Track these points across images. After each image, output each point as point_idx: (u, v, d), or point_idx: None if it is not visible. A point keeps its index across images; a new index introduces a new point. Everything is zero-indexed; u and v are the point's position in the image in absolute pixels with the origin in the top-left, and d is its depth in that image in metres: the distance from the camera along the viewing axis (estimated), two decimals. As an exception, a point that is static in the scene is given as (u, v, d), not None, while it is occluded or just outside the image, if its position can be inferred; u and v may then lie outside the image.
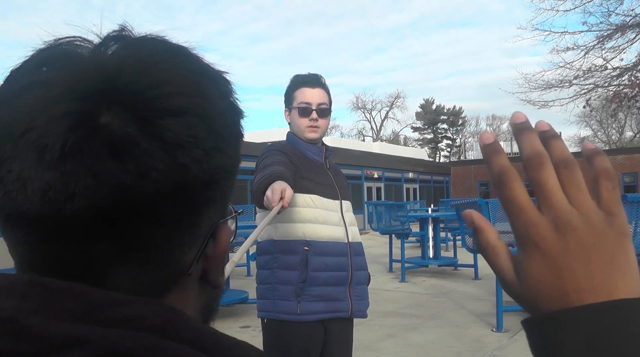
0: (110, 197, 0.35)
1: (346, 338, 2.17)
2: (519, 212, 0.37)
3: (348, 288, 2.09)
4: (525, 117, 0.40)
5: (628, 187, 24.51)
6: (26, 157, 0.34)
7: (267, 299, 2.03)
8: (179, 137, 0.36)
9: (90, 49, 0.39)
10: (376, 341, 4.68)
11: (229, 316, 5.64)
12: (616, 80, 16.38)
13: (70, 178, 0.34)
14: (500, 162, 0.38)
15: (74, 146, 0.34)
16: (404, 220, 8.55)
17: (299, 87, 2.13)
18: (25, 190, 0.35)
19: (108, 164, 0.34)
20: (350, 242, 2.12)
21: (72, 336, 0.32)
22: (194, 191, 0.38)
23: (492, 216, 5.48)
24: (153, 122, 0.36)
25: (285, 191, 1.58)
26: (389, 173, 25.17)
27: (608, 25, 15.64)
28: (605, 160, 0.38)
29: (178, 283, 0.41)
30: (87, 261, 0.37)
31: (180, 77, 0.38)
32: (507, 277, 0.39)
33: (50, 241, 0.36)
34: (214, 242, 0.44)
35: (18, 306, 0.34)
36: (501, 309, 4.89)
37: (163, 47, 0.40)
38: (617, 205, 0.37)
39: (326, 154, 2.21)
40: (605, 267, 0.35)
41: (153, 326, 0.34)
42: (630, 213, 4.34)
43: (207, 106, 0.39)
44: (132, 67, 0.37)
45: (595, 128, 48.00)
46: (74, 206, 0.34)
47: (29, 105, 0.35)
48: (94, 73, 0.36)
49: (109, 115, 0.35)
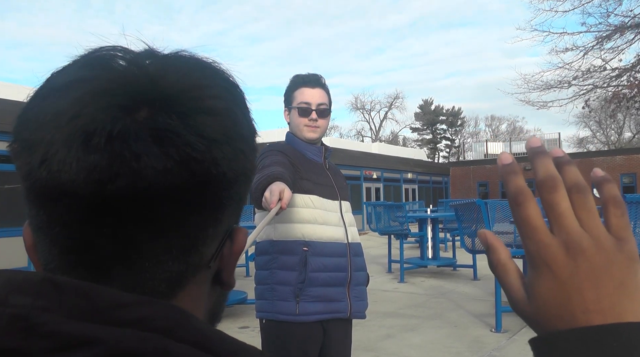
0: (151, 180, 0.37)
1: (345, 339, 2.16)
2: (532, 233, 0.38)
3: (347, 289, 2.08)
4: (541, 141, 0.41)
5: (627, 187, 24.54)
6: (73, 140, 0.36)
7: (266, 300, 2.03)
8: (215, 134, 0.40)
9: (130, 57, 0.41)
10: (375, 342, 4.68)
11: (227, 317, 5.63)
12: (615, 81, 16.39)
13: (116, 159, 0.36)
14: (517, 182, 0.39)
15: (121, 131, 0.36)
16: (402, 220, 8.56)
17: (299, 87, 2.13)
18: (70, 169, 0.36)
19: (152, 148, 0.37)
20: (350, 242, 2.12)
21: (84, 335, 0.33)
22: (221, 186, 0.41)
23: (491, 216, 5.48)
24: (192, 117, 0.39)
25: (284, 192, 1.58)
26: (388, 173, 25.18)
27: (607, 26, 15.67)
28: (614, 187, 0.39)
29: (196, 276, 0.43)
30: (117, 245, 0.38)
31: (216, 84, 0.42)
32: (517, 296, 0.40)
33: (87, 222, 0.37)
34: (231, 242, 0.46)
35: (31, 303, 0.34)
36: (500, 309, 4.89)
37: (197, 59, 0.44)
38: (626, 231, 0.38)
39: (325, 154, 2.20)
40: (615, 291, 0.36)
41: (162, 327, 0.35)
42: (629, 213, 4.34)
43: (238, 112, 0.43)
44: (173, 72, 0.41)
45: (594, 129, 48.11)
46: (115, 186, 0.36)
47: (76, 96, 0.37)
48: (137, 74, 0.39)
49: (152, 110, 0.38)
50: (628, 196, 4.34)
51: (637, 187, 24.47)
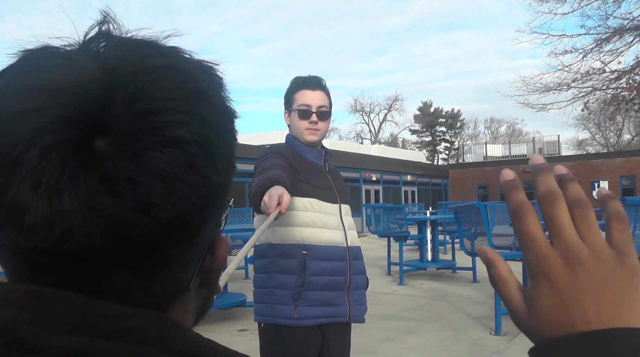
0: (109, 233, 0.34)
1: (344, 343, 2.15)
2: (532, 244, 0.38)
3: (346, 293, 2.07)
4: (544, 159, 0.42)
5: (626, 190, 24.55)
6: (20, 189, 0.33)
7: (264, 303, 2.01)
8: (177, 169, 0.35)
9: (75, 57, 0.37)
10: (374, 345, 4.67)
11: (226, 319, 5.62)
12: (614, 83, 16.42)
13: (67, 214, 0.33)
14: (518, 197, 0.39)
15: (70, 181, 0.33)
16: (402, 223, 8.55)
17: (299, 89, 2.12)
18: (21, 223, 0.34)
19: (105, 200, 0.33)
20: (349, 246, 2.10)
21: (71, 349, 0.32)
22: (191, 217, 0.38)
23: (490, 219, 5.47)
24: (150, 156, 0.35)
25: (283, 196, 1.56)
26: (387, 176, 25.18)
27: (606, 28, 15.70)
28: (617, 204, 0.39)
29: (178, 298, 0.41)
30: (83, 290, 0.36)
31: (176, 101, 0.37)
32: (517, 309, 0.40)
33: (46, 272, 0.35)
34: (212, 254, 0.44)
35: (16, 316, 0.33)
36: (500, 312, 4.88)
37: (153, 59, 0.38)
38: (628, 245, 0.38)
39: (325, 157, 2.19)
40: (615, 304, 0.36)
41: (153, 339, 0.34)
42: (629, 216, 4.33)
43: (204, 131, 0.38)
44: (124, 90, 0.35)
45: (594, 131, 48.14)
46: (71, 242, 0.34)
47: (18, 135, 0.33)
48: (84, 98, 0.35)
49: (103, 144, 0.34)
50: (628, 198, 4.33)
51: (636, 189, 24.48)
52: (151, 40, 0.40)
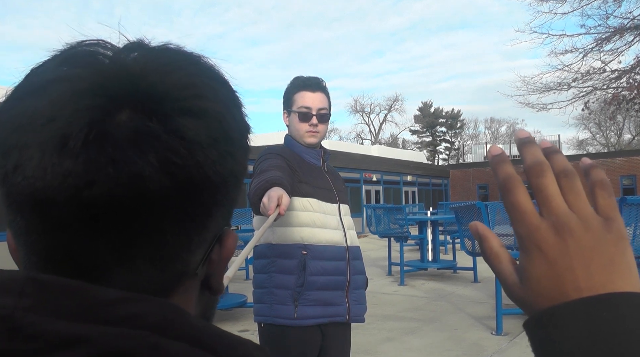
0: (128, 186, 0.35)
1: (344, 343, 2.15)
2: (521, 216, 0.39)
3: (346, 293, 2.07)
4: (529, 133, 0.43)
5: (627, 189, 24.54)
6: (48, 145, 0.35)
7: (264, 304, 2.01)
8: (198, 136, 0.38)
9: (113, 52, 0.40)
10: (375, 345, 4.67)
11: (227, 320, 5.62)
12: (614, 83, 16.39)
13: (91, 165, 0.35)
14: (506, 170, 0.40)
15: (97, 135, 0.35)
16: (402, 223, 8.55)
17: (300, 90, 2.11)
18: (45, 176, 0.35)
19: (129, 153, 0.35)
20: (349, 246, 2.10)
21: (71, 335, 0.32)
22: (205, 191, 0.39)
23: (491, 219, 5.47)
24: (174, 120, 0.37)
25: (282, 197, 1.56)
26: (388, 176, 25.18)
27: (606, 28, 15.67)
28: (600, 172, 0.40)
29: (182, 284, 0.42)
30: (94, 254, 0.37)
31: (202, 83, 0.40)
32: (510, 281, 0.40)
33: (63, 229, 0.36)
34: (220, 246, 0.45)
35: (15, 303, 0.33)
36: (501, 312, 4.88)
37: (184, 55, 0.42)
38: (614, 211, 0.39)
39: (324, 157, 2.19)
40: (605, 269, 0.37)
41: (154, 324, 0.34)
42: (629, 215, 4.33)
43: (225, 112, 0.41)
44: (156, 70, 0.39)
45: (594, 131, 48.13)
46: (91, 193, 0.35)
47: (54, 97, 0.36)
48: (119, 73, 0.38)
49: (132, 112, 0.36)
50: (629, 198, 4.32)
51: (637, 189, 24.47)
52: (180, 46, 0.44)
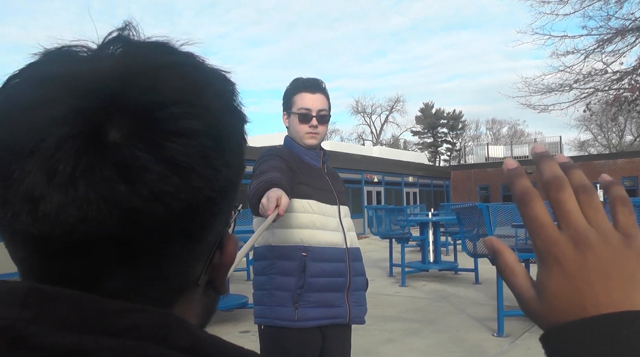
0: (122, 221, 0.34)
1: (344, 344, 2.15)
2: (540, 229, 0.38)
3: (346, 294, 2.07)
4: (545, 148, 0.42)
5: (629, 191, 24.50)
6: (36, 178, 0.34)
7: (264, 305, 2.01)
8: (191, 160, 0.36)
9: (92, 56, 0.38)
10: (376, 346, 4.66)
11: (228, 321, 5.62)
12: (616, 84, 16.36)
13: (82, 202, 0.34)
14: (523, 183, 0.40)
15: (85, 170, 0.34)
16: (404, 224, 8.54)
17: (299, 91, 2.11)
18: (36, 212, 0.34)
19: (120, 188, 0.34)
20: (349, 247, 2.10)
21: (71, 347, 0.32)
22: (203, 209, 0.38)
23: (492, 220, 5.46)
24: (164, 145, 0.35)
25: (281, 198, 1.55)
26: (389, 177, 25.16)
27: (608, 29, 15.65)
28: (621, 189, 0.40)
29: (184, 293, 0.42)
30: (94, 279, 0.36)
31: (188, 95, 0.38)
32: (526, 295, 0.40)
33: (57, 258, 0.36)
34: (221, 251, 0.44)
35: (17, 314, 0.33)
36: (502, 313, 4.87)
37: (168, 57, 0.40)
38: (634, 228, 0.38)
39: (324, 158, 2.19)
40: (625, 285, 0.36)
41: (155, 335, 0.34)
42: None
43: (216, 124, 0.39)
44: (138, 83, 0.36)
45: (596, 132, 48.07)
46: (85, 229, 0.34)
47: (34, 125, 0.34)
48: (98, 89, 0.36)
49: (117, 135, 0.34)
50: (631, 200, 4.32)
51: (638, 190, 24.44)
52: (166, 42, 0.41)
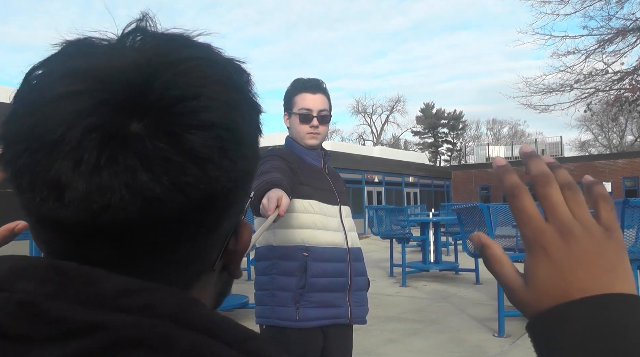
0: (143, 208, 0.36)
1: (345, 344, 2.15)
2: (528, 220, 0.41)
3: (347, 294, 2.07)
4: (533, 148, 0.45)
5: (629, 191, 24.48)
6: (62, 166, 0.35)
7: (266, 305, 2.01)
8: (209, 151, 0.38)
9: (113, 48, 0.40)
10: (377, 346, 4.66)
11: (228, 321, 5.61)
12: (617, 84, 16.33)
13: (106, 190, 0.35)
14: (512, 178, 0.43)
15: (109, 159, 0.35)
16: (404, 224, 8.54)
17: (300, 92, 2.11)
18: (62, 197, 0.36)
19: (142, 177, 0.36)
20: (350, 247, 2.10)
21: (90, 322, 0.33)
22: (219, 199, 0.40)
23: (493, 220, 5.46)
24: (184, 137, 0.37)
25: (282, 199, 1.55)
26: (390, 177, 25.16)
27: (609, 29, 15.62)
28: (602, 187, 0.43)
29: (201, 277, 0.43)
30: (114, 262, 0.38)
31: (208, 89, 0.39)
32: (513, 284, 0.42)
33: (81, 242, 0.37)
34: (236, 238, 0.46)
35: (37, 289, 0.34)
36: (503, 313, 4.87)
37: (187, 50, 0.41)
38: (614, 223, 0.42)
39: (325, 159, 2.19)
40: (606, 273, 0.39)
41: (168, 314, 0.35)
42: (632, 218, 4.32)
43: (234, 117, 0.40)
44: (160, 77, 0.38)
45: (596, 132, 48.05)
46: (108, 216, 0.36)
47: (61, 116, 0.36)
48: (122, 83, 0.37)
49: (140, 127, 0.36)
50: (631, 200, 4.31)
51: (639, 190, 24.41)
52: (184, 34, 0.43)
